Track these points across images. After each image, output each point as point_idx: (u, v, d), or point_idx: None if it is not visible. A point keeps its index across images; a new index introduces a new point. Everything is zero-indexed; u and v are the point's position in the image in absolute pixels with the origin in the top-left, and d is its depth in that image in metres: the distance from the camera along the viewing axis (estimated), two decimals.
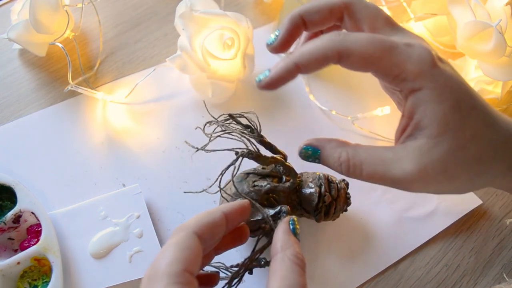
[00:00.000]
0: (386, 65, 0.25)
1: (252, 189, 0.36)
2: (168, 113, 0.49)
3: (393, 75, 0.25)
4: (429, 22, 0.57)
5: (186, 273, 0.23)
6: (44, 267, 0.38)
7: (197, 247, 0.24)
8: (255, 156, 0.33)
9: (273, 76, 0.27)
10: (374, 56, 0.25)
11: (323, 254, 0.42)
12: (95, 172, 0.44)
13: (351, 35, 0.25)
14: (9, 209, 0.39)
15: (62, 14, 0.47)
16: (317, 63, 0.26)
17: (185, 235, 0.24)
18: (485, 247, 0.44)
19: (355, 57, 0.25)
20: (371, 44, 0.25)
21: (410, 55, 0.25)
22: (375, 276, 0.42)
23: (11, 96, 0.48)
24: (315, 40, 0.26)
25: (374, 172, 0.26)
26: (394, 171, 0.25)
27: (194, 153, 0.32)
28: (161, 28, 0.55)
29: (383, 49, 0.25)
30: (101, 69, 0.51)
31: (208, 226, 0.25)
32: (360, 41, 0.25)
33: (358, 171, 0.26)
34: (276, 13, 0.57)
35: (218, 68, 0.47)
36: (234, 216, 0.27)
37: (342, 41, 0.25)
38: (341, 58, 0.25)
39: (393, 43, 0.25)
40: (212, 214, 0.26)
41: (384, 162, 0.26)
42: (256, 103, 0.50)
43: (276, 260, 0.26)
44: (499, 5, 0.47)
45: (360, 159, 0.26)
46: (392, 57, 0.25)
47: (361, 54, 0.25)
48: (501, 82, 0.49)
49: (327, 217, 0.38)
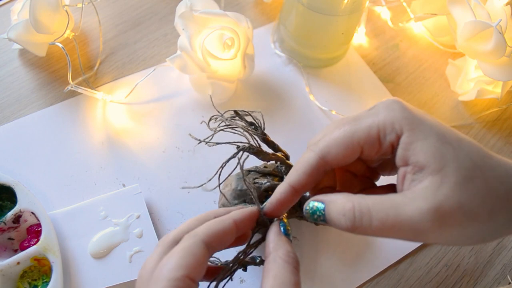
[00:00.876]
0: (362, 134, 0.25)
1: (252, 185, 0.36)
2: (168, 113, 0.49)
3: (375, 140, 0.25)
4: (429, 22, 0.57)
5: (187, 279, 0.23)
6: (44, 267, 0.38)
7: (202, 256, 0.24)
8: (256, 151, 0.33)
9: (274, 203, 0.28)
10: (347, 137, 0.26)
11: (323, 255, 0.42)
12: (95, 172, 0.44)
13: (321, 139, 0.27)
14: (9, 209, 0.39)
15: (62, 14, 0.47)
16: (309, 177, 0.27)
17: (193, 243, 0.25)
18: (485, 247, 0.44)
19: (335, 150, 0.26)
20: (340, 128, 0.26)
21: (375, 114, 0.26)
22: (375, 276, 0.42)
23: (11, 96, 0.48)
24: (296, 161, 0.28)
25: (385, 217, 0.23)
26: (409, 212, 0.23)
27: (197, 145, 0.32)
28: (161, 28, 0.55)
29: (351, 126, 0.26)
30: (101, 69, 0.51)
31: (218, 235, 0.26)
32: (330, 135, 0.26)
33: (367, 219, 0.23)
34: (276, 13, 0.57)
35: (218, 68, 0.47)
36: (244, 224, 0.27)
37: (318, 147, 0.27)
38: (326, 160, 0.26)
39: (356, 116, 0.26)
40: (223, 222, 0.26)
41: (395, 205, 0.23)
42: (256, 103, 0.50)
43: (269, 260, 0.26)
44: (499, 5, 0.47)
45: (368, 205, 0.24)
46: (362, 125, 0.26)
47: (338, 145, 0.26)
48: (501, 82, 0.49)
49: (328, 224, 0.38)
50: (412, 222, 0.23)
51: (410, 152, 0.24)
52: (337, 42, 0.51)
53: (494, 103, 0.54)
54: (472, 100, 0.53)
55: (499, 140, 0.52)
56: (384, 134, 0.25)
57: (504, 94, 0.51)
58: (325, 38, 0.50)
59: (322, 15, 0.46)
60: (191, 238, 0.25)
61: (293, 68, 0.53)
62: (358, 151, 0.26)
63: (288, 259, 0.25)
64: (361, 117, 0.26)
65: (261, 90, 0.51)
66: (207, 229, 0.25)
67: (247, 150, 0.33)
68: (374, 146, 0.26)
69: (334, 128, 0.27)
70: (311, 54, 0.52)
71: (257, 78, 0.52)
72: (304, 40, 0.51)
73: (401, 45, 0.58)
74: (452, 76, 0.55)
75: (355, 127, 0.26)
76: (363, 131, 0.25)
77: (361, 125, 0.26)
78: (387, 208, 0.23)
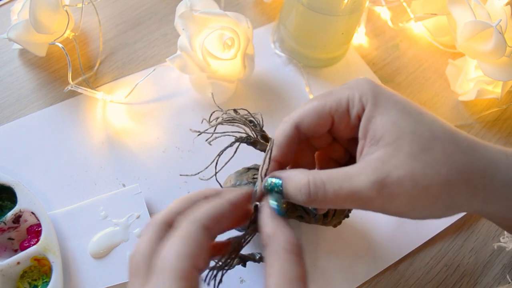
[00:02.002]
0: (333, 104, 0.27)
1: (250, 180, 0.37)
2: (168, 113, 0.49)
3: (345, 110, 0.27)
4: (429, 22, 0.57)
5: (193, 270, 0.22)
6: (44, 267, 0.38)
7: (206, 242, 0.23)
8: (253, 141, 0.33)
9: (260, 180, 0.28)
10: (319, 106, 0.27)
11: (323, 255, 0.42)
12: (95, 172, 0.44)
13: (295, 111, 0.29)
14: (9, 209, 0.39)
15: (62, 14, 0.47)
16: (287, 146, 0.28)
17: (195, 229, 0.23)
18: (485, 247, 0.44)
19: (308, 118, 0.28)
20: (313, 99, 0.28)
21: (348, 87, 0.27)
22: (375, 276, 0.42)
23: (11, 96, 0.48)
24: None
25: (339, 189, 0.24)
26: (357, 183, 0.23)
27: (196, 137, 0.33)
28: (161, 28, 0.55)
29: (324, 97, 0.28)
30: (101, 69, 0.51)
31: (217, 219, 0.24)
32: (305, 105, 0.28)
33: (321, 192, 0.24)
34: (276, 13, 0.57)
35: (218, 68, 0.47)
36: (240, 205, 0.26)
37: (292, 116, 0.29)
38: (299, 128, 0.28)
39: (329, 91, 0.28)
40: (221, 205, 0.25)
41: (348, 177, 0.24)
42: (256, 103, 0.50)
43: (270, 252, 0.24)
44: (499, 5, 0.47)
45: (322, 179, 0.24)
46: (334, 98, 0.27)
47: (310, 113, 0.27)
48: (501, 82, 0.49)
49: (326, 219, 0.38)
50: (361, 192, 0.23)
51: (370, 126, 0.25)
52: (337, 42, 0.51)
53: (494, 103, 0.54)
54: (472, 100, 0.53)
55: (499, 140, 0.52)
56: (352, 105, 0.26)
57: (504, 94, 0.51)
58: (325, 38, 0.50)
59: (322, 15, 0.46)
60: (191, 223, 0.23)
61: (293, 68, 0.53)
62: (329, 121, 0.27)
63: (291, 247, 0.24)
64: (333, 91, 0.28)
65: (261, 90, 0.51)
66: (206, 213, 0.24)
67: (244, 141, 0.33)
68: (344, 117, 0.27)
69: (307, 103, 0.29)
70: (311, 54, 0.52)
71: (257, 78, 0.52)
72: (304, 40, 0.51)
73: (401, 45, 0.58)
74: (452, 76, 0.55)
75: (326, 98, 0.28)
76: (334, 101, 0.27)
77: (332, 97, 0.27)
78: (340, 180, 0.24)
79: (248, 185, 0.36)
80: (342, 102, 0.27)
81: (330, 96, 0.27)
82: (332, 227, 0.40)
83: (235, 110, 0.34)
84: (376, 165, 0.24)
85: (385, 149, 0.24)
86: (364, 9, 0.51)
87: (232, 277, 0.40)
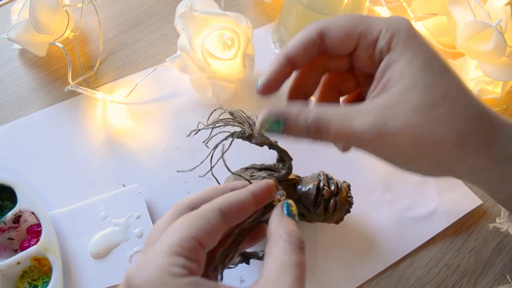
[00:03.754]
0: (364, 28, 0.25)
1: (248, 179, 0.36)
2: (168, 113, 0.49)
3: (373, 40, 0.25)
4: (429, 22, 0.57)
5: (194, 240, 0.22)
6: (44, 267, 0.38)
7: (217, 223, 0.24)
8: (248, 135, 0.33)
9: (269, 76, 0.27)
10: (352, 24, 0.26)
11: (323, 255, 0.42)
12: (95, 172, 0.44)
13: (328, 19, 0.26)
14: (9, 209, 0.39)
15: (62, 14, 0.47)
16: (305, 48, 0.26)
17: (209, 209, 0.24)
18: (485, 247, 0.44)
19: (336, 30, 0.26)
20: (348, 16, 0.26)
21: (387, 21, 0.25)
22: (375, 276, 0.42)
23: (11, 96, 0.48)
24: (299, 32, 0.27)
25: (341, 128, 0.24)
26: (358, 126, 0.23)
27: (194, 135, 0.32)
28: (161, 28, 0.55)
29: (360, 18, 0.26)
30: (101, 69, 0.51)
31: (236, 206, 0.25)
32: (338, 17, 0.26)
33: (326, 129, 0.24)
34: (276, 13, 0.57)
35: (218, 68, 0.47)
36: (262, 196, 0.26)
37: (321, 22, 0.26)
38: (323, 36, 0.26)
39: (369, 15, 0.26)
40: (241, 194, 0.25)
41: (350, 117, 0.24)
42: (256, 103, 0.50)
43: (270, 243, 0.25)
44: (499, 5, 0.47)
45: (328, 117, 0.24)
46: (369, 23, 0.26)
47: (341, 27, 0.26)
48: (501, 82, 0.49)
49: (327, 213, 0.38)
50: (359, 135, 0.24)
51: (388, 69, 0.25)
52: None
53: (494, 103, 0.54)
54: None
55: None
56: (381, 40, 0.25)
57: (504, 94, 0.51)
58: None
59: (322, 15, 0.46)
60: (208, 205, 0.24)
61: None
62: (354, 43, 0.26)
63: (290, 238, 0.24)
64: (370, 18, 0.26)
65: None
66: (224, 199, 0.25)
67: (239, 136, 0.33)
68: (369, 47, 0.26)
69: (339, 16, 0.27)
70: None
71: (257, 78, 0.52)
72: None
73: None
74: None
75: (362, 19, 0.26)
76: (367, 25, 0.26)
77: (367, 21, 0.26)
78: (343, 119, 0.24)
79: None
80: (373, 32, 0.25)
81: (364, 20, 0.26)
82: (334, 224, 0.40)
83: (231, 112, 0.34)
84: (378, 111, 0.24)
85: (393, 97, 0.24)
86: (364, 9, 0.51)
87: (232, 277, 0.40)
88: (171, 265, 0.21)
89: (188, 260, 0.22)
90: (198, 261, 0.23)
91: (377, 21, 0.26)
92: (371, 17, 0.26)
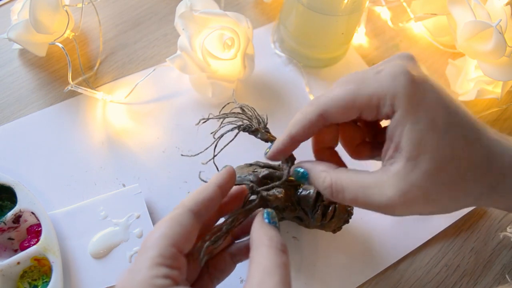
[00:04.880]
0: (363, 101, 0.26)
1: (251, 173, 0.37)
2: (168, 113, 0.49)
3: (374, 107, 0.26)
4: (429, 22, 0.57)
5: (172, 248, 0.24)
6: (44, 267, 0.38)
7: (190, 224, 0.25)
8: (254, 129, 0.33)
9: (276, 151, 0.30)
10: (348, 101, 0.26)
11: (323, 255, 0.42)
12: (95, 172, 0.44)
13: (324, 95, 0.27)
14: (9, 209, 0.39)
15: (62, 14, 0.47)
16: (308, 130, 0.28)
17: (180, 212, 0.25)
18: (485, 247, 0.44)
19: (335, 109, 0.27)
20: (343, 89, 0.26)
21: (380, 81, 0.25)
22: (375, 276, 0.42)
23: (11, 96, 0.48)
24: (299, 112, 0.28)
25: (355, 198, 0.26)
26: (375, 197, 0.25)
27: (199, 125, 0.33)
28: (161, 28, 0.55)
29: (355, 89, 0.26)
30: (101, 69, 0.51)
31: (204, 202, 0.26)
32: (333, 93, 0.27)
33: (341, 196, 0.26)
34: (276, 13, 0.57)
35: (218, 68, 0.47)
36: (226, 185, 0.28)
37: (319, 103, 0.27)
38: (325, 117, 0.27)
39: (362, 78, 0.26)
40: (207, 189, 0.27)
41: (364, 188, 0.25)
42: (256, 103, 0.50)
43: (252, 249, 0.26)
44: (499, 5, 0.47)
45: (342, 184, 0.26)
46: (366, 92, 0.26)
47: (338, 105, 0.26)
48: (501, 82, 0.49)
49: (325, 219, 0.38)
50: (377, 206, 0.25)
51: (397, 131, 0.25)
52: (337, 42, 0.51)
53: (494, 103, 0.54)
54: (472, 100, 0.53)
55: None
56: (383, 104, 0.25)
57: (504, 94, 0.51)
58: (325, 38, 0.50)
59: (322, 15, 0.46)
60: (178, 208, 0.26)
61: (293, 68, 0.53)
62: (357, 113, 0.27)
63: (271, 243, 0.25)
64: (365, 80, 0.26)
65: (261, 90, 0.51)
66: (192, 198, 0.26)
67: (246, 129, 0.33)
68: (372, 112, 0.26)
69: (338, 86, 0.27)
70: (311, 54, 0.52)
71: (257, 78, 0.52)
72: (304, 40, 0.51)
73: (401, 45, 0.58)
74: (452, 76, 0.55)
75: (358, 90, 0.26)
76: (365, 97, 0.26)
77: (364, 91, 0.26)
78: (357, 190, 0.26)
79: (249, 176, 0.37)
80: (373, 100, 0.25)
81: (361, 88, 0.26)
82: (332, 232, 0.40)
83: (241, 107, 0.34)
84: (393, 181, 0.25)
85: (405, 164, 0.24)
86: (364, 9, 0.51)
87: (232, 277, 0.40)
88: (154, 278, 0.23)
89: (170, 269, 0.23)
90: (179, 267, 0.24)
91: (373, 87, 0.25)
92: (365, 81, 0.26)
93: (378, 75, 0.26)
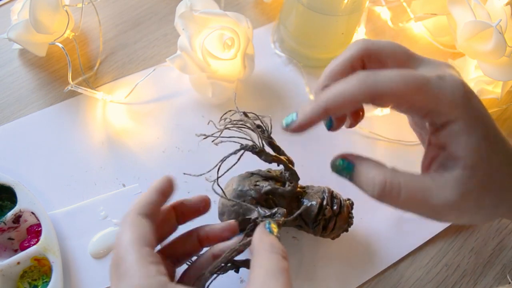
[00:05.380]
0: (421, 100, 0.25)
1: (252, 187, 0.36)
2: (168, 113, 0.49)
3: (427, 109, 0.25)
4: (429, 22, 0.57)
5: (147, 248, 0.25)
6: (44, 267, 0.38)
7: (144, 224, 0.27)
8: (258, 150, 0.33)
9: (302, 122, 0.27)
10: (407, 93, 0.24)
11: (323, 255, 0.42)
12: (95, 172, 0.44)
13: (381, 75, 0.24)
14: (9, 209, 0.39)
15: (62, 14, 0.47)
16: (348, 107, 0.25)
17: (132, 216, 0.27)
18: (485, 247, 0.44)
19: (389, 97, 0.24)
20: (403, 82, 0.24)
21: (443, 88, 0.25)
22: (375, 276, 0.42)
23: (11, 96, 0.48)
24: (344, 83, 0.25)
25: (413, 197, 0.25)
26: (437, 199, 0.25)
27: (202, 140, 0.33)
28: (161, 28, 0.55)
29: (416, 86, 0.24)
30: (101, 69, 0.51)
31: (146, 204, 0.28)
32: (392, 81, 0.24)
33: (396, 194, 0.25)
34: (276, 13, 0.57)
35: (218, 68, 0.47)
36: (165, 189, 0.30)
37: (374, 83, 0.24)
38: (374, 100, 0.25)
39: (425, 78, 0.25)
40: (149, 194, 0.29)
41: (424, 189, 0.25)
42: (256, 103, 0.50)
43: (253, 254, 0.26)
44: (499, 5, 0.47)
45: (400, 182, 0.25)
46: (426, 92, 0.25)
47: (395, 94, 0.24)
48: (501, 82, 0.49)
49: (325, 232, 0.38)
50: (436, 208, 0.25)
51: (454, 142, 0.25)
52: (337, 42, 0.51)
53: (494, 103, 0.54)
54: None
55: None
56: (438, 110, 0.25)
57: (504, 94, 0.51)
58: (325, 38, 0.50)
59: (322, 15, 0.46)
60: (127, 215, 0.27)
61: (293, 68, 0.53)
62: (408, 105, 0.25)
63: (272, 249, 0.26)
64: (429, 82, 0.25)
65: (261, 90, 0.51)
66: (135, 204, 0.28)
67: (250, 149, 0.33)
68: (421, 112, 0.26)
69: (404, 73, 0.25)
70: (311, 54, 0.52)
71: (257, 78, 0.52)
72: (304, 40, 0.51)
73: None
74: None
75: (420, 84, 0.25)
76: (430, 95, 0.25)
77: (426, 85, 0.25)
78: (416, 190, 0.25)
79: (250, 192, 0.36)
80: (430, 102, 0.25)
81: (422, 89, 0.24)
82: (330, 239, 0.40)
83: (245, 113, 0.34)
84: (454, 185, 0.25)
85: (464, 171, 0.25)
86: (364, 9, 0.51)
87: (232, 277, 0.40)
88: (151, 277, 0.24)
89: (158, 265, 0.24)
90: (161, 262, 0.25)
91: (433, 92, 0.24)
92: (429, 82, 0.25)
93: (441, 81, 0.25)
